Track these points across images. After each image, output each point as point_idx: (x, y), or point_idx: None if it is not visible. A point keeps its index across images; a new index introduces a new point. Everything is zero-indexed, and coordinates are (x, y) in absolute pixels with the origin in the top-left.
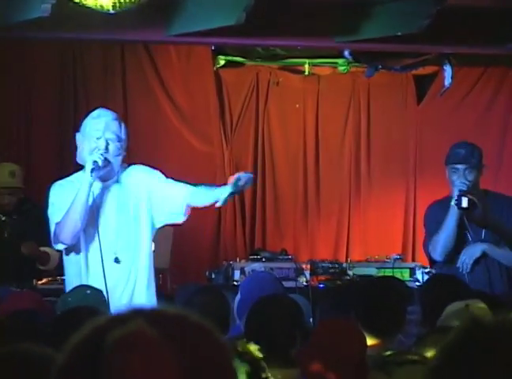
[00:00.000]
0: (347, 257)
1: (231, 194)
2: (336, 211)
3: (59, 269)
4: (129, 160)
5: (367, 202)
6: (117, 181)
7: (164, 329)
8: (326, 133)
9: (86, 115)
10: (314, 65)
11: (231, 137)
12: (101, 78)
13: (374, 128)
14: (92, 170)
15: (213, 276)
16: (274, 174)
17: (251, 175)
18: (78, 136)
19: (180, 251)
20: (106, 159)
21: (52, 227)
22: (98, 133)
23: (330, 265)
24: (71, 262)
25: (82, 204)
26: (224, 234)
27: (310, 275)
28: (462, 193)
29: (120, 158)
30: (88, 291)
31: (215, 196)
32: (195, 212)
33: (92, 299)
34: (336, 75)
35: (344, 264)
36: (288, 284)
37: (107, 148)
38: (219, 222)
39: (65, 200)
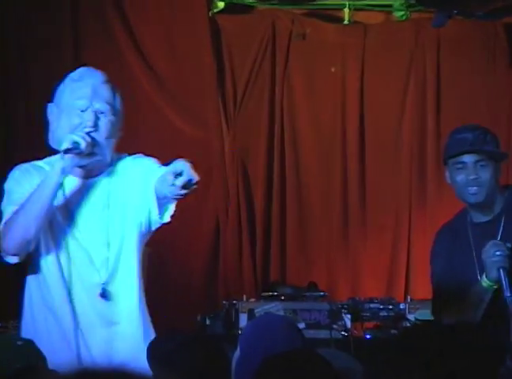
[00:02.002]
0: (405, 295)
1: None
2: (390, 227)
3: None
4: None
5: (434, 214)
6: (108, 176)
7: None
8: (376, 110)
9: (58, 79)
10: (358, 9)
11: (235, 117)
12: (41, 26)
13: (446, 101)
14: (67, 152)
15: (208, 323)
16: (298, 173)
17: (188, 165)
18: (51, 108)
19: (159, 287)
20: (93, 140)
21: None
22: (83, 102)
23: (381, 306)
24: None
25: (44, 202)
26: (225, 262)
27: (352, 320)
28: None
29: (114, 141)
30: (19, 343)
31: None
32: (182, 231)
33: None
34: (390, 24)
35: (402, 305)
36: (319, 334)
37: (95, 125)
38: (216, 244)
39: (26, 190)
